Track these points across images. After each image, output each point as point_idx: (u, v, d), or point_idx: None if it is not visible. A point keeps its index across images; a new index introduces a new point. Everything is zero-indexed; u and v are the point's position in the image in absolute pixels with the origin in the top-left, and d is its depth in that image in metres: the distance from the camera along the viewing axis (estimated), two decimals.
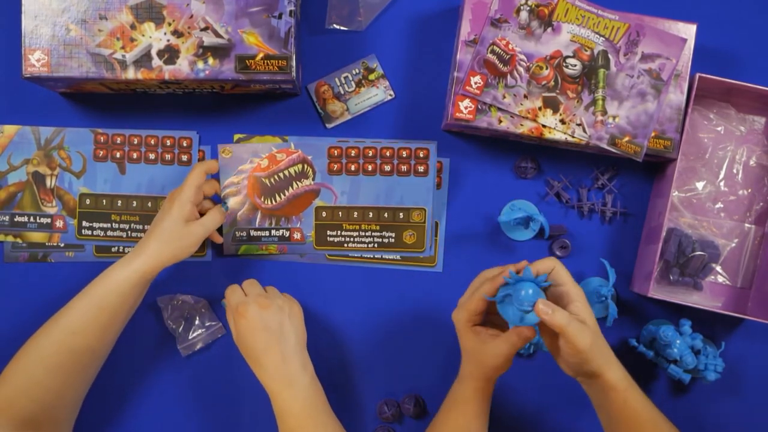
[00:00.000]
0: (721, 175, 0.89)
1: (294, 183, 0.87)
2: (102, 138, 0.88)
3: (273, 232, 0.88)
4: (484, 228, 0.90)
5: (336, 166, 0.87)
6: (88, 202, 0.89)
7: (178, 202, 0.79)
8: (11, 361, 0.76)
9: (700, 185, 0.88)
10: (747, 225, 0.89)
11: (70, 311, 0.76)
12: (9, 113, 0.89)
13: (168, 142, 0.89)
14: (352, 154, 0.86)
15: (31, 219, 0.89)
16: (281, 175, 0.86)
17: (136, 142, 0.89)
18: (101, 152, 0.89)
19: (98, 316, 0.76)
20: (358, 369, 0.90)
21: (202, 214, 0.85)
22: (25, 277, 0.89)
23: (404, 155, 0.86)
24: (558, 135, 0.82)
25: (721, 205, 0.89)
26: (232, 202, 0.87)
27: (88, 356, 0.77)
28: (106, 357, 0.81)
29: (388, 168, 0.86)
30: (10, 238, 0.89)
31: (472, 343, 0.73)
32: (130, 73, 0.79)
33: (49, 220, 0.88)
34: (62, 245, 0.89)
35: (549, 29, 0.82)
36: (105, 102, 0.89)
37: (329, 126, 0.89)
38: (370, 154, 0.86)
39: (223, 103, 0.89)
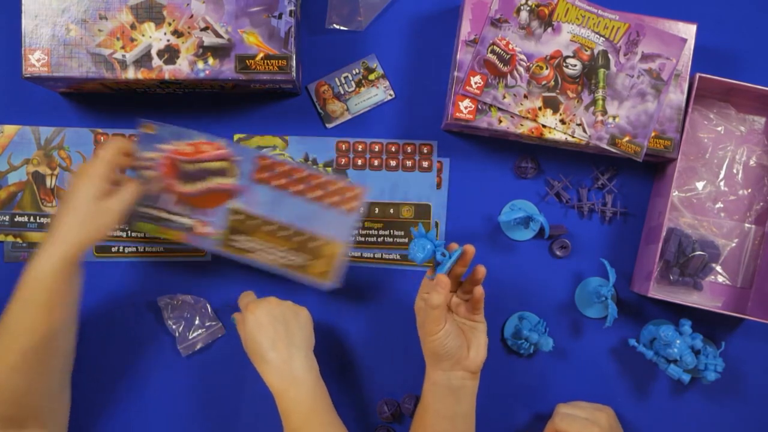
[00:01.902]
0: (721, 175, 0.89)
1: (213, 178, 0.82)
2: (102, 138, 0.88)
3: (180, 218, 0.82)
4: (484, 228, 0.90)
5: (265, 175, 0.81)
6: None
7: (87, 178, 0.73)
8: None
9: (700, 185, 0.88)
10: (747, 225, 0.89)
11: (7, 314, 0.72)
12: (9, 113, 0.89)
13: None
14: (277, 172, 0.82)
15: (31, 219, 0.89)
16: (202, 166, 0.81)
17: None
18: None
19: (36, 313, 0.72)
20: (358, 369, 0.90)
21: None
22: None
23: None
24: (558, 135, 0.82)
25: (721, 205, 0.89)
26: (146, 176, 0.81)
27: (43, 350, 0.73)
28: (72, 340, 0.77)
29: (313, 194, 0.82)
30: (10, 238, 0.89)
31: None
32: (130, 73, 0.79)
33: (49, 220, 0.88)
34: None
35: (549, 29, 0.82)
36: (105, 102, 0.89)
37: (329, 126, 0.89)
38: (295, 177, 0.82)
39: (223, 103, 0.89)
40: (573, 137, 0.82)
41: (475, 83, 0.82)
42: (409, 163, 0.89)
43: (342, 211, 0.81)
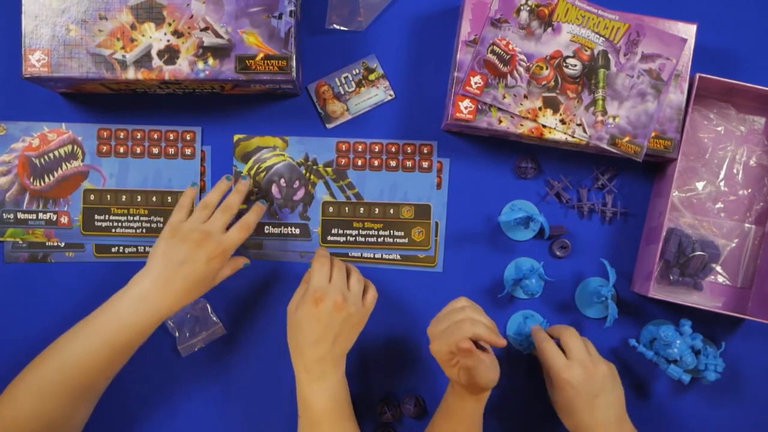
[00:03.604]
0: (721, 175, 0.89)
1: (63, 164, 0.86)
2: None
3: (40, 215, 0.87)
4: (484, 228, 0.90)
5: (105, 147, 0.86)
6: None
7: (218, 259, 0.77)
8: (18, 379, 0.73)
9: (700, 185, 0.88)
10: (747, 225, 0.89)
11: (77, 345, 0.74)
12: (9, 113, 0.89)
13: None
14: (121, 136, 0.86)
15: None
16: (51, 155, 0.86)
17: (139, 137, 0.88)
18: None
19: (111, 356, 0.74)
20: (358, 369, 0.90)
21: None
22: (25, 277, 0.89)
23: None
24: (558, 135, 0.82)
25: (721, 205, 0.89)
26: (1, 181, 0.86)
27: (98, 388, 0.76)
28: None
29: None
30: (12, 237, 0.88)
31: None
32: (130, 74, 0.79)
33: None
34: (62, 245, 0.88)
35: (549, 29, 0.82)
36: (105, 102, 0.88)
37: (329, 126, 0.89)
38: (138, 137, 0.86)
39: (223, 103, 0.89)
40: (573, 137, 0.82)
41: (475, 83, 0.82)
42: (409, 163, 0.89)
43: (183, 159, 0.84)
